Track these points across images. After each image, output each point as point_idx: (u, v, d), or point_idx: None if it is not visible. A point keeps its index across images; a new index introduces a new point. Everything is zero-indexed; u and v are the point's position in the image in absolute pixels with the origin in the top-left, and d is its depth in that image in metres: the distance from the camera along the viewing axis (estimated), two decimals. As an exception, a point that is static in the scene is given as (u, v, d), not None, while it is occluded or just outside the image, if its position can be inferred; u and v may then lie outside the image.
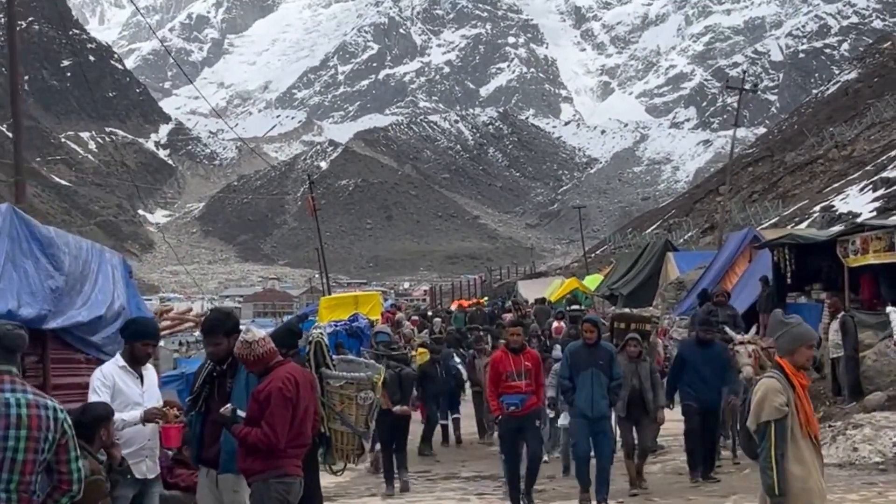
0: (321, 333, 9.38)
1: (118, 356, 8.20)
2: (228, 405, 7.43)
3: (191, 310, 21.80)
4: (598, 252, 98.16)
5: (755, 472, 7.59)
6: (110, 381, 7.91)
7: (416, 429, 17.74)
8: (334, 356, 9.24)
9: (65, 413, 5.73)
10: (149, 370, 8.35)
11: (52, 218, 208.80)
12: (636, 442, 13.55)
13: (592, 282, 48.58)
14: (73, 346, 9.39)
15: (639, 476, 13.54)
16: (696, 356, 13.89)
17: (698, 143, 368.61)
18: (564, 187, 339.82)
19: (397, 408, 14.29)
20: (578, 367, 12.33)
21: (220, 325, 7.86)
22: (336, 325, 22.44)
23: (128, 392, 7.94)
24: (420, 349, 21.07)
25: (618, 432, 13.51)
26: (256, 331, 7.57)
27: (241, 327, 7.98)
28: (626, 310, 24.78)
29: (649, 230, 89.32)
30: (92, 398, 7.75)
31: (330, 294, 45.19)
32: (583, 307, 33.95)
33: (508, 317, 27.36)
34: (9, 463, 5.45)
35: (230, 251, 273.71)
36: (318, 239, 60.28)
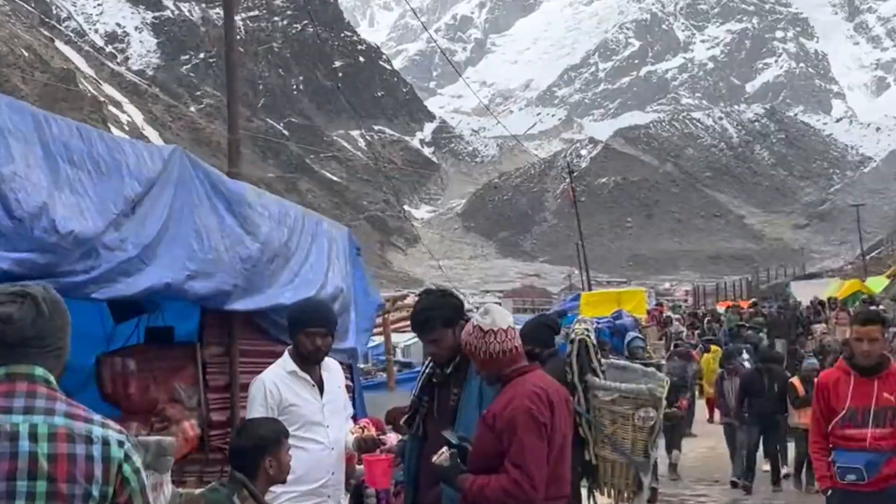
0: (587, 330, 7.09)
1: (285, 357, 5.66)
2: (450, 439, 4.63)
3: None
4: (875, 253, 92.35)
5: None
6: (276, 395, 5.46)
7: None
8: (603, 360, 7.07)
9: (127, 448, 2.94)
10: (331, 372, 5.79)
11: (324, 212, 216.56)
12: None
13: (876, 284, 44.56)
14: (270, 335, 6.95)
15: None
16: None
17: None
18: (835, 187, 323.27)
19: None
20: None
21: (435, 316, 5.07)
22: (598, 322, 20.31)
23: (301, 407, 5.49)
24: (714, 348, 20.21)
25: None
26: (499, 315, 4.64)
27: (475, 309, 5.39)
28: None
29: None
30: (253, 414, 5.33)
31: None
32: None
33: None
34: None
35: (490, 247, 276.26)
36: (577, 235, 58.52)
